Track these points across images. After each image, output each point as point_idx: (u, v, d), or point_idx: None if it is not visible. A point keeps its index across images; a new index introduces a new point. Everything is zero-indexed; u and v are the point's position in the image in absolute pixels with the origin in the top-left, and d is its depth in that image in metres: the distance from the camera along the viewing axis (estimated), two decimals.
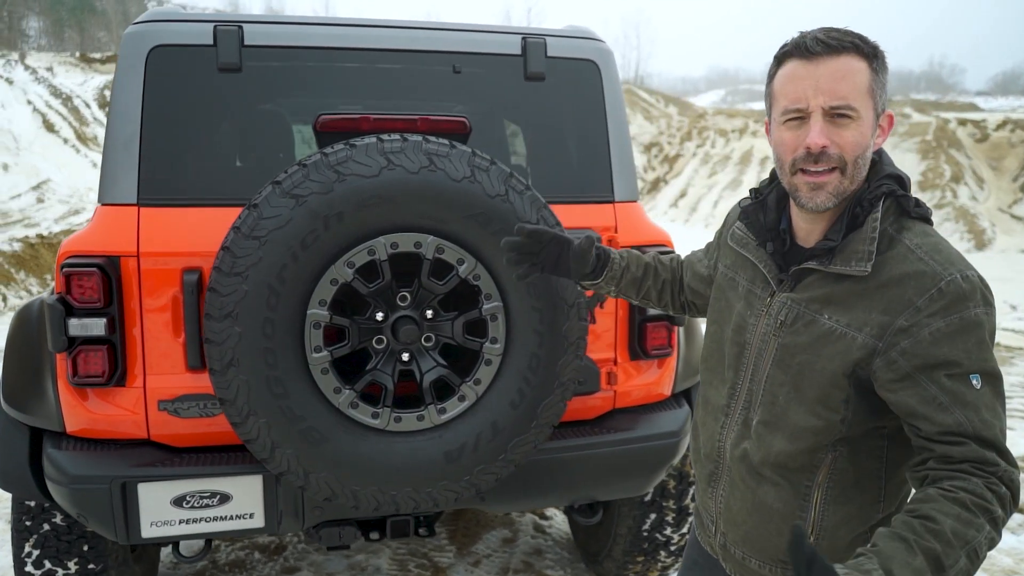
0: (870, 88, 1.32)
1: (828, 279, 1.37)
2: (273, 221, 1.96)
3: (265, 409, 2.02)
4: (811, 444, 1.38)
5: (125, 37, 2.31)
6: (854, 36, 1.33)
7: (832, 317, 1.35)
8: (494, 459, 2.17)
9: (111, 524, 2.24)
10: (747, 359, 1.48)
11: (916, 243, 1.32)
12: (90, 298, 2.19)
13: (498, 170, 2.08)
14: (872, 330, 1.30)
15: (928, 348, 1.25)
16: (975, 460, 1.21)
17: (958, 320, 1.25)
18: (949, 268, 1.28)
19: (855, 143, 1.32)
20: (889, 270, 1.31)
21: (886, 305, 1.29)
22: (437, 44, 2.48)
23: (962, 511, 1.17)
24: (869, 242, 1.33)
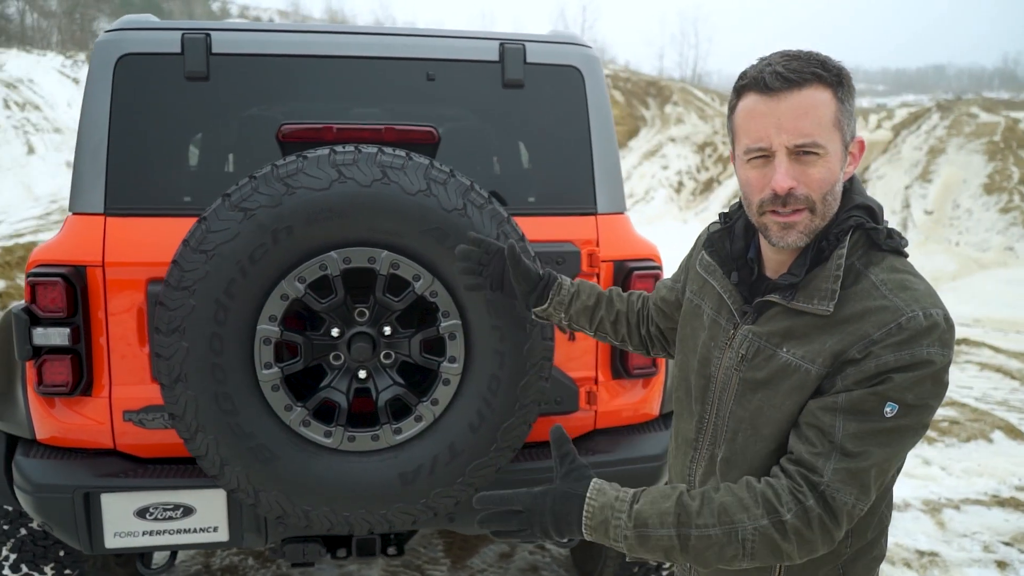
0: (836, 120, 1.26)
1: (791, 312, 1.32)
2: (221, 235, 1.92)
3: (213, 425, 1.98)
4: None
5: (95, 45, 2.30)
6: (815, 64, 1.25)
7: (790, 350, 1.30)
8: (452, 482, 2.10)
9: (75, 534, 2.23)
10: (712, 393, 1.44)
11: (882, 279, 1.27)
12: (54, 307, 2.19)
13: (456, 183, 2.00)
14: (824, 360, 1.26)
15: (866, 378, 1.21)
16: (805, 464, 1.23)
17: (908, 356, 1.20)
18: (912, 305, 1.22)
19: (823, 180, 1.26)
20: (851, 306, 1.26)
21: (843, 338, 1.25)
22: (411, 51, 2.41)
23: (745, 496, 1.23)
24: (833, 280, 1.27)
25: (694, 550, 1.23)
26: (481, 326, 2.05)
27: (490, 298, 2.02)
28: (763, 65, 1.28)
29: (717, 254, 1.48)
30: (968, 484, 4.49)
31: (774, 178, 1.26)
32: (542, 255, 2.34)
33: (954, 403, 5.98)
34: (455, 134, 2.48)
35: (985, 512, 4.10)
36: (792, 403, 1.29)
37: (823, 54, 1.29)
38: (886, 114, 23.09)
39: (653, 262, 2.50)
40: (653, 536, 1.24)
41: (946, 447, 5.07)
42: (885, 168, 20.07)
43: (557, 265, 2.38)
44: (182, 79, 2.30)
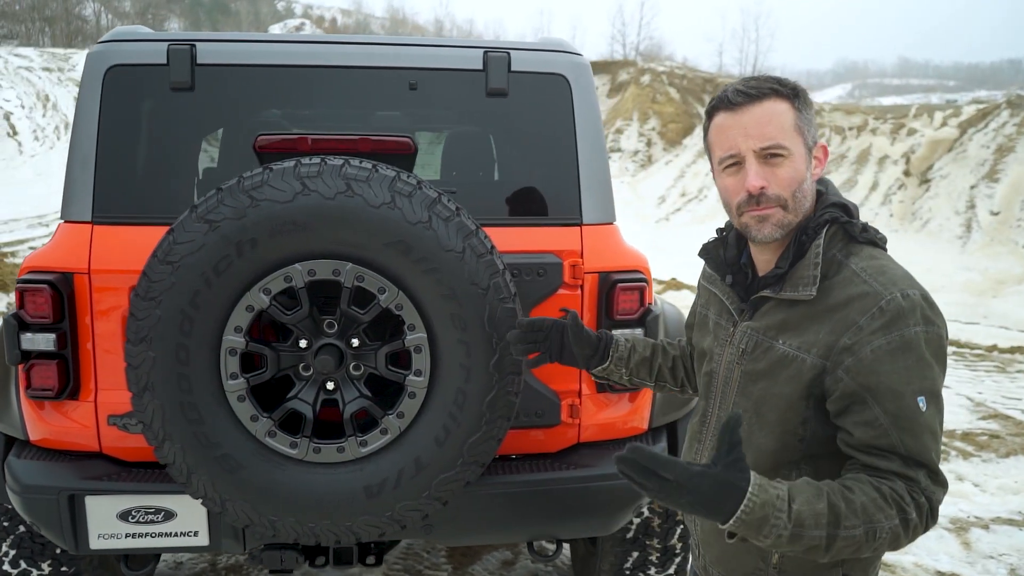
0: (796, 125, 1.42)
1: (783, 306, 1.45)
2: (186, 246, 1.94)
3: (180, 434, 2.01)
4: (772, 464, 1.44)
5: (87, 57, 2.35)
6: (772, 82, 1.44)
7: (786, 342, 1.42)
8: (418, 496, 2.08)
9: (60, 534, 2.29)
10: (715, 388, 1.57)
11: (862, 267, 1.39)
12: (42, 313, 2.25)
13: (422, 195, 1.99)
14: (819, 350, 1.37)
15: (870, 366, 1.31)
16: (900, 474, 1.30)
17: (898, 338, 1.31)
18: (891, 288, 1.34)
19: (790, 178, 1.41)
20: (836, 294, 1.38)
21: (832, 326, 1.36)
22: (394, 60, 2.40)
23: (878, 497, 1.27)
24: (813, 267, 1.40)
25: (836, 548, 1.27)
26: (447, 340, 2.04)
27: (455, 312, 2.00)
28: (726, 89, 1.46)
29: (713, 261, 1.61)
30: (1002, 502, 4.30)
31: (747, 178, 1.41)
32: (522, 266, 2.32)
33: (997, 415, 5.74)
34: (437, 144, 2.46)
35: (1016, 533, 3.92)
36: (791, 390, 1.40)
37: (782, 78, 1.46)
38: (953, 111, 22.25)
39: (640, 274, 2.44)
40: (806, 536, 1.26)
41: (983, 462, 4.87)
42: (950, 167, 19.37)
43: (538, 277, 2.35)
44: (168, 90, 2.33)
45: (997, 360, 7.83)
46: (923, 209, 18.60)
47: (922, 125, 21.82)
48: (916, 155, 20.56)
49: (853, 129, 23.84)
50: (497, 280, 2.02)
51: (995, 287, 13.28)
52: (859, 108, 27.58)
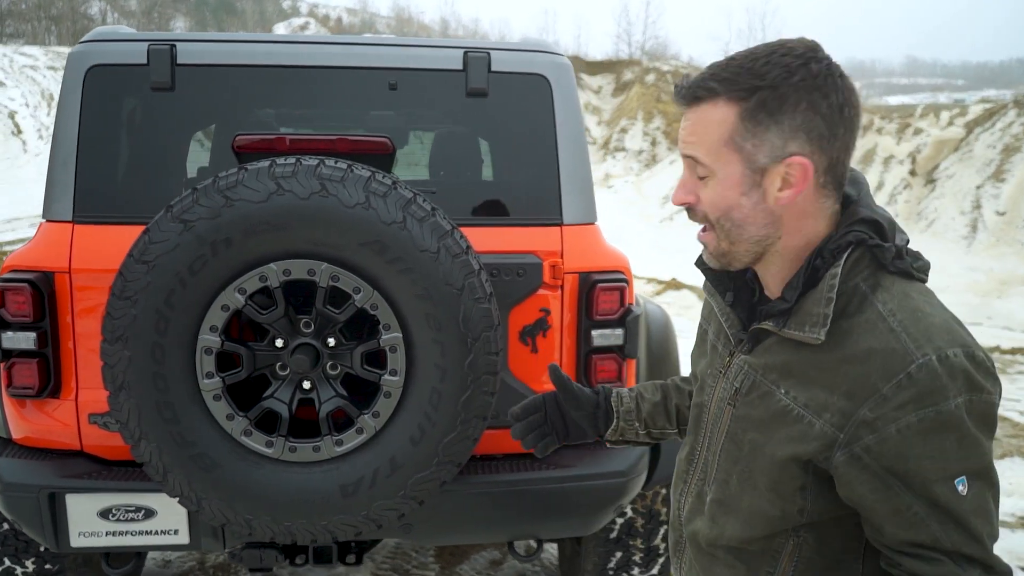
0: (729, 139, 1.12)
1: (787, 344, 1.16)
2: (161, 246, 1.94)
3: (155, 433, 2.02)
4: (767, 531, 1.20)
5: (68, 57, 2.36)
6: (725, 74, 1.12)
7: (789, 393, 1.14)
8: (393, 495, 2.09)
9: (41, 532, 2.30)
10: (705, 424, 1.32)
11: (890, 308, 1.09)
12: (22, 312, 2.26)
13: (397, 195, 1.99)
14: (833, 417, 1.09)
15: (898, 448, 1.04)
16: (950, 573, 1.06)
17: (934, 414, 1.03)
18: (924, 346, 1.05)
19: (712, 202, 1.16)
20: (854, 341, 1.09)
21: (849, 387, 1.08)
22: (374, 60, 2.40)
23: None
24: (825, 303, 1.10)
25: None
26: (422, 340, 2.04)
27: (430, 312, 2.01)
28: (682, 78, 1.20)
29: (712, 273, 1.31)
30: None
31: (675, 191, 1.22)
32: (502, 266, 2.32)
33: None
34: (417, 143, 2.47)
35: (1008, 534, 3.90)
36: (787, 454, 1.13)
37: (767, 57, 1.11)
38: (959, 111, 22.17)
39: (620, 274, 2.44)
40: None
41: None
42: (956, 167, 19.32)
43: (518, 277, 2.35)
44: (149, 89, 2.34)
45: (998, 361, 7.79)
46: (929, 209, 18.55)
47: (928, 125, 21.76)
48: (922, 155, 20.50)
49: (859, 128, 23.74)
50: (472, 280, 2.02)
51: (1000, 288, 13.22)
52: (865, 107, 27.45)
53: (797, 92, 1.08)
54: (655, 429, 1.58)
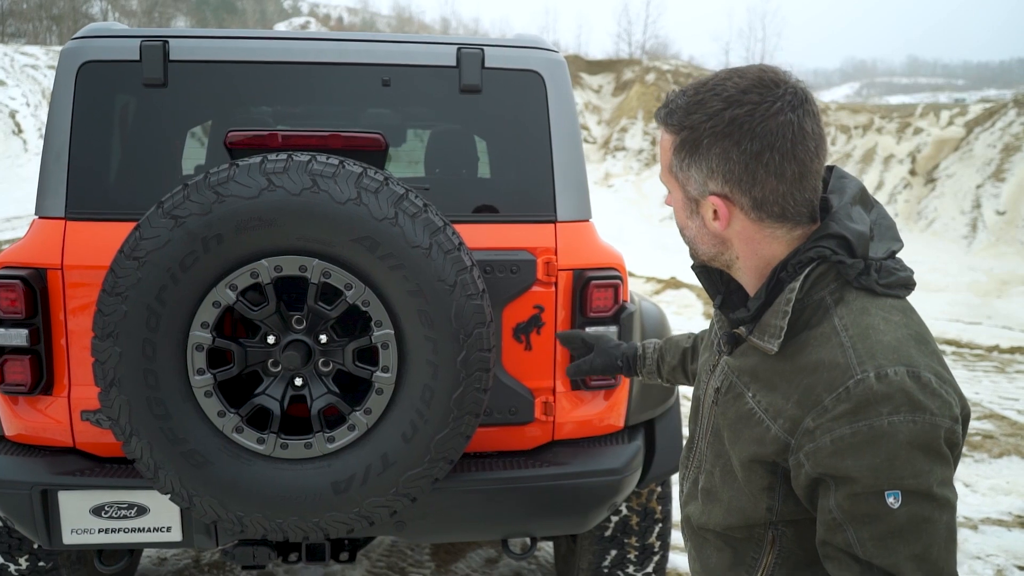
0: (670, 167, 1.23)
1: (756, 350, 1.23)
2: (152, 242, 1.94)
3: (146, 430, 2.01)
4: (745, 522, 1.26)
5: (61, 53, 2.36)
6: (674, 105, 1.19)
7: (755, 396, 1.21)
8: (385, 492, 2.08)
9: (33, 529, 2.30)
10: (701, 416, 1.39)
11: (845, 323, 1.13)
12: (14, 309, 2.25)
13: (389, 192, 1.98)
14: (785, 424, 1.14)
15: (830, 457, 1.08)
16: None
17: (866, 429, 1.05)
18: (865, 363, 1.07)
19: (676, 216, 1.29)
20: (808, 353, 1.14)
21: (800, 396, 1.13)
22: (368, 57, 2.40)
23: None
24: (781, 316, 1.15)
25: None
26: (414, 336, 2.03)
27: (422, 309, 2.00)
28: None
29: (705, 277, 1.37)
30: (992, 503, 4.28)
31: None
32: (496, 263, 2.31)
33: (992, 415, 5.71)
34: (411, 140, 2.46)
35: (1005, 533, 3.90)
36: (749, 455, 1.20)
37: (703, 96, 1.16)
38: (959, 110, 22.16)
39: (615, 271, 2.43)
40: None
41: (975, 462, 4.84)
42: (956, 167, 19.31)
43: (511, 274, 2.34)
44: (141, 86, 2.33)
45: (996, 360, 7.79)
46: (928, 209, 18.54)
47: (928, 124, 21.73)
48: (922, 154, 20.48)
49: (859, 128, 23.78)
50: (464, 276, 2.02)
51: (1000, 287, 13.21)
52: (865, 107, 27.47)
53: (711, 137, 1.14)
54: (675, 383, 1.85)
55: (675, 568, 3.49)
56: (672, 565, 3.46)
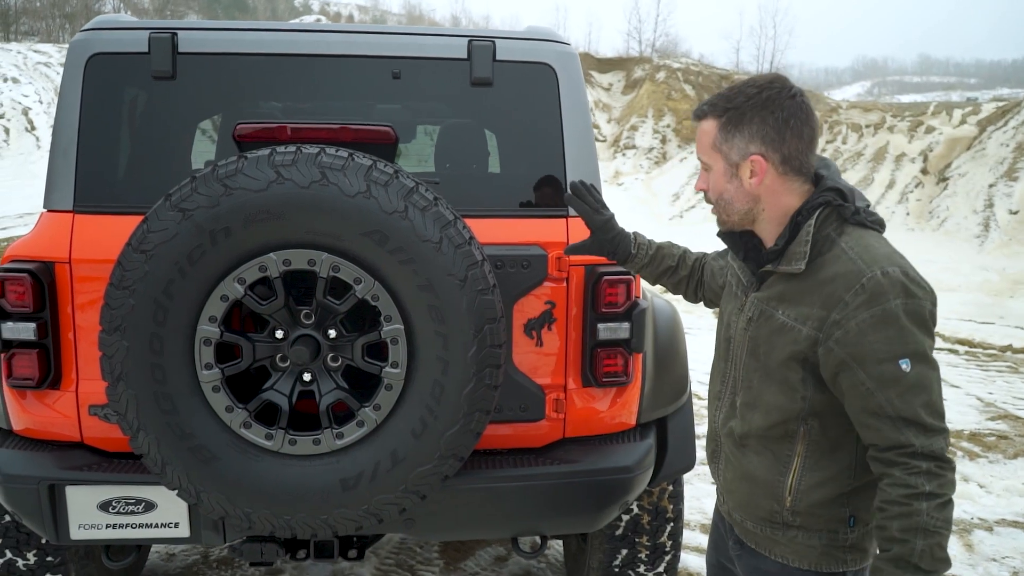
0: (714, 144, 1.61)
1: (782, 279, 1.60)
2: (160, 235, 1.92)
3: (153, 425, 1.99)
4: (782, 418, 1.60)
5: (70, 45, 2.34)
6: (714, 100, 1.62)
7: (784, 312, 1.58)
8: (394, 489, 2.06)
9: (41, 524, 2.28)
10: (733, 351, 1.74)
11: (850, 245, 1.53)
12: (22, 303, 2.24)
13: (398, 185, 1.96)
14: (813, 323, 1.52)
15: (856, 338, 1.46)
16: (893, 446, 1.45)
17: (880, 312, 1.45)
18: (872, 266, 1.48)
19: (713, 187, 1.66)
20: (826, 270, 1.53)
21: (823, 300, 1.51)
22: (378, 49, 2.37)
23: (898, 509, 1.42)
24: (803, 244, 1.55)
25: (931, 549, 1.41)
26: (424, 331, 2.01)
27: (432, 303, 1.98)
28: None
29: (728, 242, 1.76)
30: (1007, 504, 4.22)
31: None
32: (507, 258, 2.28)
33: (1007, 416, 5.65)
34: (421, 133, 2.43)
35: (1020, 535, 3.85)
36: (787, 353, 1.56)
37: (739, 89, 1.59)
38: (972, 109, 21.97)
39: None
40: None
41: (989, 463, 4.79)
42: (968, 165, 19.14)
43: (523, 269, 2.31)
44: (150, 78, 2.31)
45: (1010, 360, 7.72)
46: (940, 208, 18.38)
47: (940, 123, 21.57)
48: (934, 153, 20.31)
49: (870, 127, 23.62)
50: (475, 271, 1.99)
51: (1012, 287, 13.08)
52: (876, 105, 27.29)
53: (751, 111, 1.56)
54: (654, 283, 2.19)
55: (686, 568, 3.46)
56: (683, 565, 3.42)
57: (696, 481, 4.46)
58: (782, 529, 1.64)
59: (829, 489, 1.59)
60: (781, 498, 1.62)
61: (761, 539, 1.69)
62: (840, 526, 1.60)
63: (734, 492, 1.73)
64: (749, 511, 1.70)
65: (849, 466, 1.58)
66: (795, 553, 1.64)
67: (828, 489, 1.59)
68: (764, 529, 1.68)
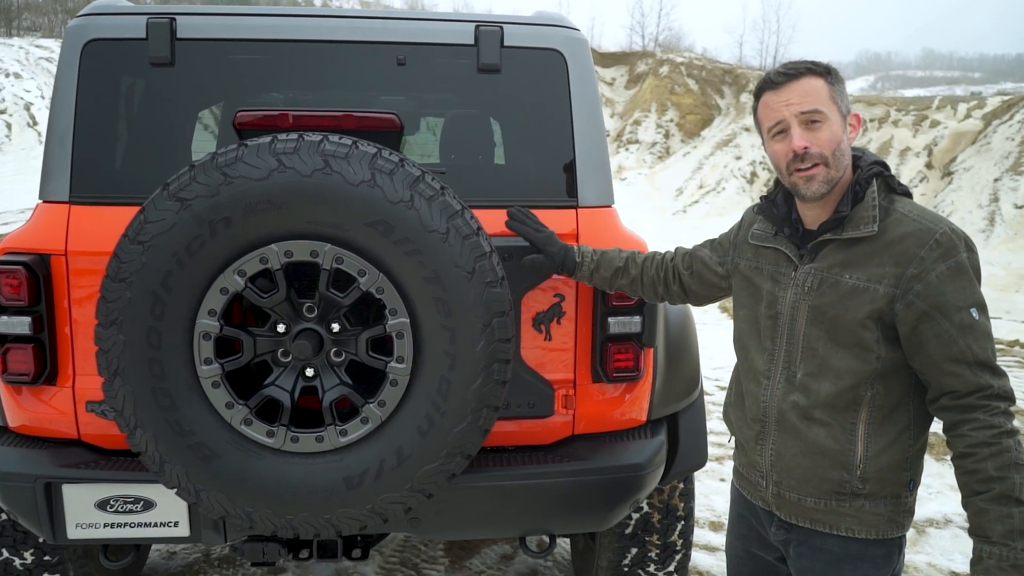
0: (830, 96, 1.66)
1: (842, 246, 1.67)
2: (157, 225, 1.85)
3: (151, 422, 1.93)
4: (854, 382, 1.64)
5: (65, 31, 2.28)
6: (807, 63, 1.69)
7: (853, 276, 1.64)
8: (400, 488, 1.99)
9: (37, 523, 2.22)
10: (781, 326, 1.75)
11: (907, 210, 1.65)
12: (16, 296, 2.17)
13: (404, 173, 1.89)
14: (890, 280, 1.60)
15: (937, 287, 1.56)
16: (974, 390, 1.55)
17: (955, 264, 1.57)
18: (939, 224, 1.61)
19: (829, 139, 1.65)
20: (891, 232, 1.62)
21: (896, 259, 1.60)
22: (383, 35, 2.30)
23: (989, 450, 1.52)
24: (872, 208, 1.65)
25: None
26: (431, 326, 1.94)
27: (438, 296, 1.91)
28: (769, 72, 1.73)
29: (770, 219, 1.83)
30: None
31: (792, 141, 1.66)
32: (514, 250, 2.22)
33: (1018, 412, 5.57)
34: (426, 120, 2.36)
35: None
36: (864, 313, 1.62)
37: (812, 61, 1.70)
38: (977, 103, 21.85)
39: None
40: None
41: None
42: (973, 160, 19.04)
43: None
44: (148, 65, 2.25)
45: (1019, 355, 7.64)
46: (945, 202, 18.28)
47: (945, 117, 21.45)
48: (939, 147, 20.21)
49: (875, 121, 23.50)
50: (483, 263, 1.93)
51: (1019, 282, 13.00)
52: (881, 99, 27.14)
53: (840, 77, 1.71)
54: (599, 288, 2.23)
55: (696, 566, 3.39)
56: (693, 564, 3.36)
57: (705, 478, 4.40)
58: (848, 500, 1.68)
59: (894, 453, 1.66)
60: (851, 466, 1.66)
61: (823, 515, 1.71)
62: (903, 490, 1.68)
63: (793, 470, 1.73)
64: (812, 486, 1.71)
65: (908, 427, 1.66)
66: (861, 523, 1.68)
67: (893, 453, 1.66)
68: (829, 503, 1.70)
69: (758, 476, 1.82)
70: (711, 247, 2.08)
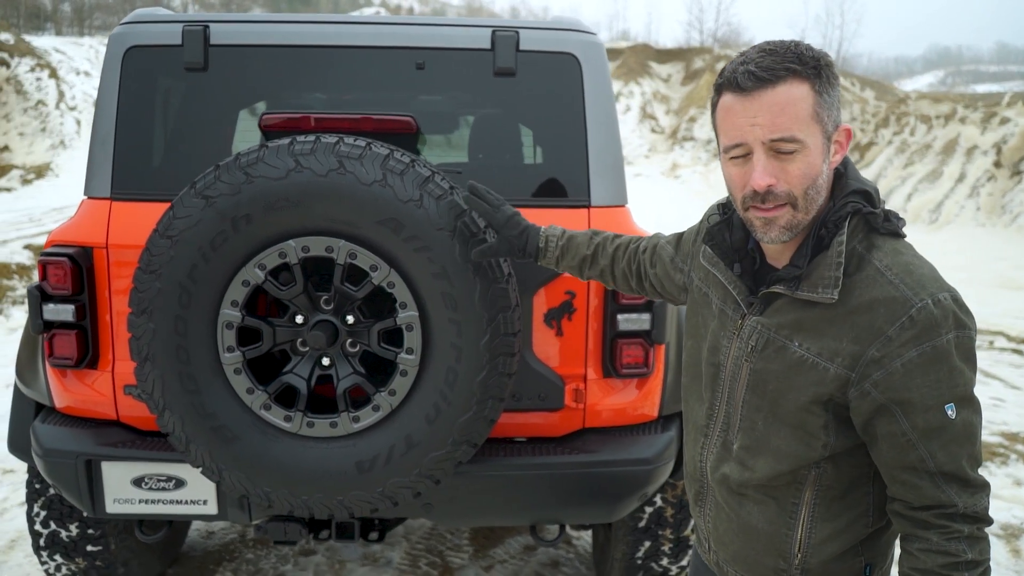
0: (814, 113, 1.25)
1: (797, 304, 1.32)
2: (184, 221, 1.99)
3: (178, 404, 2.07)
4: (794, 465, 1.35)
5: (109, 38, 2.43)
6: (790, 58, 1.24)
7: (803, 345, 1.31)
8: (408, 473, 2.10)
9: (79, 497, 2.39)
10: (722, 381, 1.46)
11: (886, 264, 1.27)
12: (62, 285, 2.34)
13: (414, 173, 1.98)
14: (844, 360, 1.26)
15: (901, 380, 1.22)
16: (931, 505, 1.24)
17: (930, 350, 1.21)
18: (920, 292, 1.23)
19: (803, 175, 1.26)
20: (859, 295, 1.26)
21: (857, 333, 1.25)
22: (402, 40, 2.40)
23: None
24: (835, 267, 1.27)
25: None
26: (439, 319, 2.04)
27: (446, 291, 2.00)
28: (739, 62, 1.27)
29: (718, 247, 1.47)
30: None
31: (752, 176, 1.26)
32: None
33: None
34: (444, 123, 2.46)
35: None
36: (809, 396, 1.30)
37: (803, 44, 1.26)
38: None
39: None
40: None
41: None
42: None
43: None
44: (183, 70, 2.39)
45: None
46: (1014, 203, 17.68)
47: (1016, 114, 20.72)
48: (1008, 145, 19.54)
49: (940, 118, 22.82)
50: (490, 260, 2.01)
51: None
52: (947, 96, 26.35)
53: (832, 69, 1.26)
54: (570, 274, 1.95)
55: None
56: None
57: None
58: None
59: (844, 540, 1.36)
60: (788, 555, 1.39)
61: None
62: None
63: (728, 545, 1.49)
64: (747, 567, 1.46)
65: (864, 512, 1.36)
66: None
67: (842, 540, 1.36)
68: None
69: (703, 537, 1.60)
70: (676, 244, 1.73)
